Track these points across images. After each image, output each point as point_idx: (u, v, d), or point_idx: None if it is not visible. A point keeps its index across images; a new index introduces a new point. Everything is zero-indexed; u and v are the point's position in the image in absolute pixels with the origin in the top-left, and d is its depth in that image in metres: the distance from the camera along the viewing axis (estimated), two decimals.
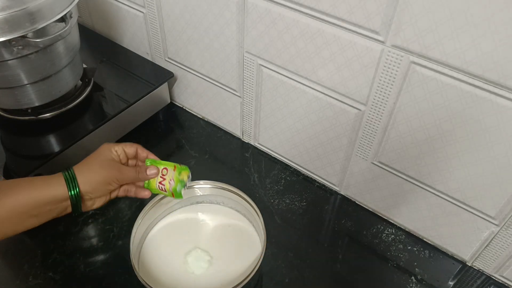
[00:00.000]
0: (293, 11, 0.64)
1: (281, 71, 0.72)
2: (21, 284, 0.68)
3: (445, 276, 0.70)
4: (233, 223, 0.71)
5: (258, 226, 0.67)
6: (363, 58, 0.61)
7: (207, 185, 0.71)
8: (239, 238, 0.69)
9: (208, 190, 0.72)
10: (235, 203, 0.71)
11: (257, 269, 0.59)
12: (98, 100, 0.87)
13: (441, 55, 0.54)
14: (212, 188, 0.71)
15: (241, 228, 0.70)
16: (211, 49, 0.80)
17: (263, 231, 0.63)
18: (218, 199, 0.73)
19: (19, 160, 0.78)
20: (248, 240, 0.69)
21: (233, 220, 0.71)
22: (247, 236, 0.69)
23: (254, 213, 0.67)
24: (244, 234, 0.70)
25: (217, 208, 0.73)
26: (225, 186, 0.70)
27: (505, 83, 0.51)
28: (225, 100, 0.87)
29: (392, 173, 0.70)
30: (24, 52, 0.70)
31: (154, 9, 0.85)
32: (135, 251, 0.65)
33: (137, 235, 0.66)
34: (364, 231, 0.76)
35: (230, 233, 0.70)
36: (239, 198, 0.69)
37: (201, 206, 0.73)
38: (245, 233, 0.70)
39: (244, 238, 0.69)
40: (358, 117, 0.68)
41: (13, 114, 0.82)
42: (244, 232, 0.70)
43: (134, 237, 0.64)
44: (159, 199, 0.69)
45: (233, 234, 0.70)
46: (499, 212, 0.62)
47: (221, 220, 0.71)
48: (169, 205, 0.71)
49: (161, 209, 0.71)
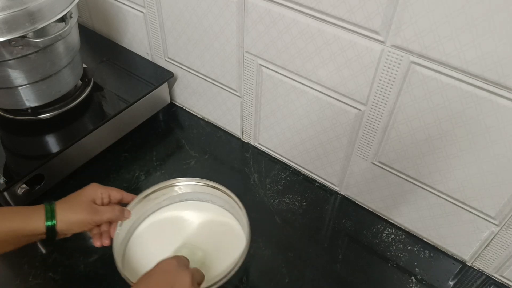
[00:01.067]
0: (293, 11, 0.64)
1: (281, 71, 0.72)
2: (21, 284, 0.68)
3: (445, 276, 0.70)
4: (218, 220, 0.71)
5: (242, 221, 0.67)
6: (363, 58, 0.61)
7: (190, 182, 0.71)
8: (225, 234, 0.69)
9: (191, 188, 0.72)
10: (218, 199, 0.71)
11: (241, 264, 0.59)
12: (98, 100, 0.87)
13: (441, 55, 0.54)
14: (196, 186, 0.71)
15: (226, 224, 0.70)
16: (211, 49, 0.80)
17: (247, 225, 0.64)
18: (202, 196, 0.73)
19: (19, 160, 0.78)
20: (233, 236, 0.68)
21: (218, 216, 0.71)
22: (232, 232, 0.69)
23: (238, 208, 0.67)
24: (229, 229, 0.69)
25: (202, 205, 0.73)
26: (208, 183, 0.70)
27: (505, 83, 0.51)
28: (225, 100, 0.87)
29: (392, 173, 0.70)
30: (24, 52, 0.70)
31: (154, 9, 0.85)
32: (119, 249, 0.65)
33: (121, 233, 0.66)
34: (364, 231, 0.76)
35: (215, 230, 0.70)
36: (222, 194, 0.69)
37: (185, 204, 0.73)
38: (230, 228, 0.69)
39: (229, 233, 0.69)
40: (358, 117, 0.68)
41: (13, 114, 0.82)
42: (229, 227, 0.70)
43: (118, 235, 0.64)
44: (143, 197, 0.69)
45: (218, 230, 0.70)
46: (499, 212, 0.62)
47: (206, 217, 0.71)
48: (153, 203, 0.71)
49: (146, 207, 0.70)
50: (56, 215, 0.58)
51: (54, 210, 0.58)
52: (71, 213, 0.59)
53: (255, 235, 0.74)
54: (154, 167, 0.84)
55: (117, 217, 0.64)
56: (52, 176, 0.78)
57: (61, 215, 0.58)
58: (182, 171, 0.84)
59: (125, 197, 0.67)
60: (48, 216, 0.58)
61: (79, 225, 0.60)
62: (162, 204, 0.72)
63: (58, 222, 0.58)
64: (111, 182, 0.81)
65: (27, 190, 0.73)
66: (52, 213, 0.58)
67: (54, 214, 0.58)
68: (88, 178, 0.81)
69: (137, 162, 0.85)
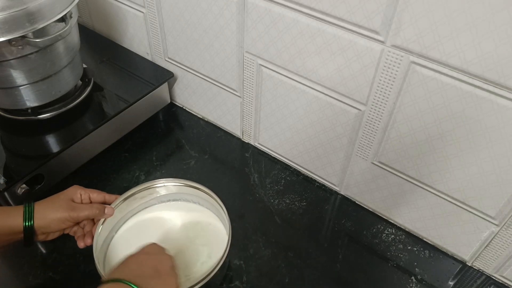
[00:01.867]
0: (293, 11, 0.64)
1: (281, 71, 0.72)
2: (21, 284, 0.68)
3: (445, 276, 0.70)
4: (201, 220, 0.71)
5: (224, 220, 0.67)
6: (363, 58, 0.61)
7: (171, 183, 0.71)
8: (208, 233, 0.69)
9: (175, 188, 0.72)
10: (199, 199, 0.71)
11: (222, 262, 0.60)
12: (98, 100, 0.87)
13: (441, 55, 0.54)
14: (179, 186, 0.71)
15: (209, 224, 0.70)
16: (211, 49, 0.80)
17: (228, 224, 0.64)
18: (186, 197, 0.73)
19: (19, 160, 0.78)
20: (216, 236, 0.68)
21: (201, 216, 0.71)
22: (215, 231, 0.69)
23: (219, 207, 0.67)
24: (212, 229, 0.69)
25: (185, 205, 0.73)
26: (192, 184, 0.70)
27: (505, 83, 0.51)
28: (225, 100, 0.87)
29: (392, 173, 0.70)
30: (24, 52, 0.70)
31: (154, 9, 0.85)
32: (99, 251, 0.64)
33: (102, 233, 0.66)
34: (364, 231, 0.76)
35: (198, 230, 0.70)
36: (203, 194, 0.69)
37: (168, 204, 0.73)
38: (213, 228, 0.69)
39: (212, 233, 0.69)
40: (358, 117, 0.68)
41: (13, 114, 0.82)
42: (212, 227, 0.70)
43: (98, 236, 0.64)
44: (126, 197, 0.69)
45: (201, 230, 0.70)
46: (499, 212, 0.62)
47: (189, 217, 0.71)
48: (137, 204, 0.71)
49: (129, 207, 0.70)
50: (35, 213, 0.59)
51: (33, 211, 0.60)
52: (49, 210, 0.61)
53: (255, 235, 0.74)
54: (154, 167, 0.84)
55: (96, 214, 0.64)
56: (52, 176, 0.78)
57: (39, 213, 0.60)
58: (182, 171, 0.84)
59: (107, 198, 0.67)
60: (26, 216, 0.59)
61: (57, 222, 0.61)
62: (146, 205, 0.72)
63: (36, 219, 0.59)
64: (111, 182, 0.81)
65: (27, 190, 0.73)
66: (30, 214, 0.59)
67: (32, 215, 0.59)
68: (88, 178, 0.82)
69: (137, 162, 0.85)
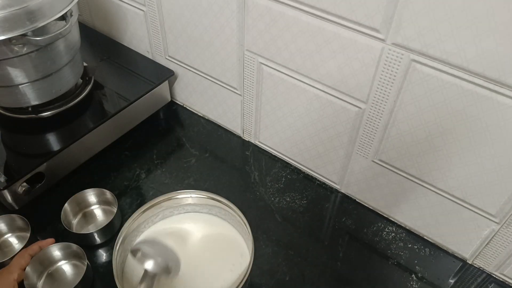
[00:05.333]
0: (293, 9, 0.64)
1: (281, 69, 0.72)
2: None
3: (446, 274, 0.70)
4: (222, 233, 0.70)
5: (246, 237, 0.66)
6: (363, 56, 0.61)
7: (195, 194, 0.70)
8: (228, 248, 0.68)
9: (196, 200, 0.70)
10: (222, 211, 0.70)
11: (245, 281, 0.58)
12: (98, 98, 0.87)
13: (441, 53, 0.54)
14: (200, 198, 0.70)
15: (229, 238, 0.69)
16: (211, 47, 0.80)
17: (251, 242, 0.62)
18: (206, 209, 0.71)
19: (19, 158, 0.78)
20: (236, 251, 0.67)
21: (221, 230, 0.70)
22: (236, 247, 0.68)
23: (242, 223, 0.65)
24: (233, 244, 0.68)
25: (206, 218, 0.71)
26: (214, 197, 0.68)
27: (505, 81, 0.51)
28: (225, 98, 0.87)
29: (392, 171, 0.70)
30: (24, 51, 0.70)
31: (154, 7, 0.85)
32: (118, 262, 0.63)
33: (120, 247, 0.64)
34: (365, 229, 0.76)
35: (218, 243, 0.69)
36: (227, 208, 0.68)
37: (189, 215, 0.72)
38: (234, 243, 0.68)
39: (233, 248, 0.68)
40: (358, 115, 0.68)
41: (13, 113, 0.82)
42: (233, 242, 0.68)
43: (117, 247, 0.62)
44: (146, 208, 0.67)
45: (221, 244, 0.69)
46: (500, 210, 0.62)
47: (209, 230, 0.70)
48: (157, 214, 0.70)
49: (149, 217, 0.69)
50: None
51: None
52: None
53: (256, 233, 0.74)
54: (155, 165, 0.85)
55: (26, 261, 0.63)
56: (53, 174, 0.78)
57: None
58: (182, 169, 0.84)
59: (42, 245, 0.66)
60: None
61: None
62: (166, 215, 0.71)
63: None
64: (111, 180, 0.81)
65: (27, 188, 0.73)
66: None
67: None
68: (88, 176, 0.82)
69: (137, 160, 0.85)
